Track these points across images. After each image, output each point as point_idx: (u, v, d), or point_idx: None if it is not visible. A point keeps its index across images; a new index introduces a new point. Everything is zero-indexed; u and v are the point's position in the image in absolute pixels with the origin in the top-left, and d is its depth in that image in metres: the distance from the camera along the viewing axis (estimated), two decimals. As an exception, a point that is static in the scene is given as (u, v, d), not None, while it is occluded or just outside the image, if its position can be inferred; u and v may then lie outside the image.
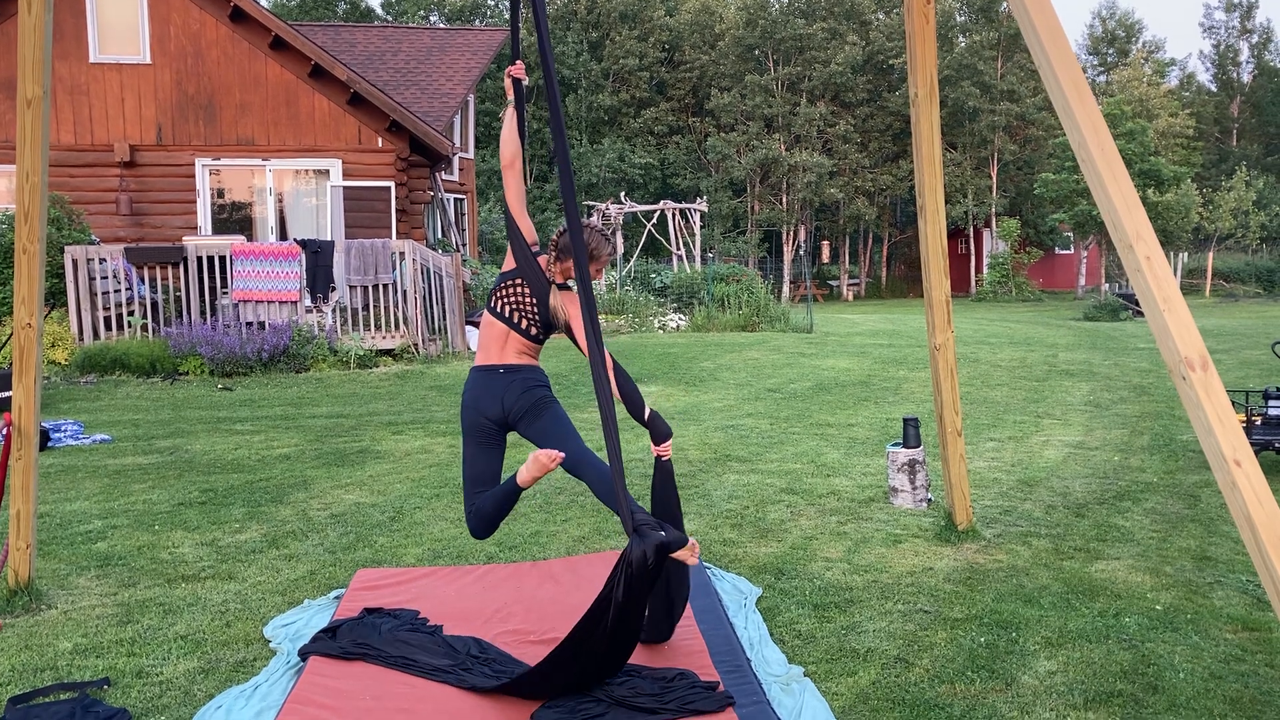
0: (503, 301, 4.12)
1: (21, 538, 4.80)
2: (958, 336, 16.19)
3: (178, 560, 5.48)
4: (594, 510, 6.38)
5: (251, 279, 13.81)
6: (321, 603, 4.77)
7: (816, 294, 37.01)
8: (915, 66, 5.24)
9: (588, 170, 40.77)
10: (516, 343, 4.12)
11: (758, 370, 13.47)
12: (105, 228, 15.71)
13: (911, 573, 5.12)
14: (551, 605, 4.67)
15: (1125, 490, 6.89)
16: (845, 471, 7.45)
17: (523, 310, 4.11)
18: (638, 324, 19.91)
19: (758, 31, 40.19)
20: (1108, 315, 25.54)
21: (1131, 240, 3.10)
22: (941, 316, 5.53)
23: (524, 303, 4.11)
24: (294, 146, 16.61)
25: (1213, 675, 3.87)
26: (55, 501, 6.73)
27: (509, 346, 4.12)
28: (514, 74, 4.23)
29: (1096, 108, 3.23)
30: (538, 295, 4.10)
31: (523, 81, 4.25)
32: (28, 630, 4.47)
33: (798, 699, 3.62)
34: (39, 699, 3.76)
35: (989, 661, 4.02)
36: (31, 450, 4.74)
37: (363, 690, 3.80)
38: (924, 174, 5.38)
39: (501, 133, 4.25)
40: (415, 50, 22.01)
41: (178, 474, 7.56)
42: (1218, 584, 4.96)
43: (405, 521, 6.23)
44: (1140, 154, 29.77)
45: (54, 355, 12.90)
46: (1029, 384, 12.21)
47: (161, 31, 16.11)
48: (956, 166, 39.33)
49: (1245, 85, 53.60)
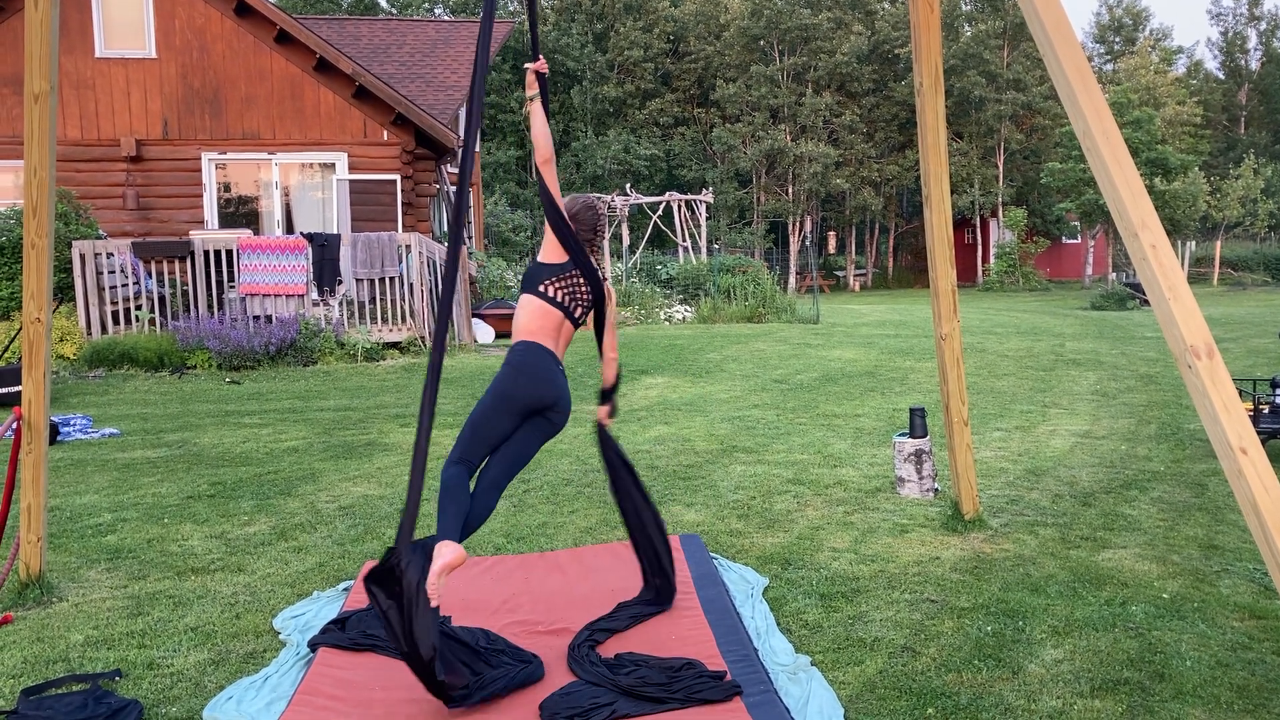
0: (560, 290, 4.17)
1: (33, 531, 4.83)
2: (964, 326, 16.15)
3: (187, 553, 5.51)
4: (600, 502, 6.39)
5: (258, 272, 13.83)
6: (330, 594, 4.80)
7: (823, 285, 36.93)
8: (920, 56, 5.23)
9: (593, 162, 40.70)
10: (569, 332, 4.24)
11: (764, 361, 13.47)
12: (112, 222, 15.74)
13: (918, 562, 5.13)
14: (559, 596, 4.69)
15: (1132, 479, 6.89)
16: (852, 462, 7.46)
17: (579, 300, 4.22)
18: (644, 315, 19.91)
19: (763, 22, 40.06)
20: (1115, 304, 25.48)
21: (1137, 228, 3.10)
22: (947, 306, 5.53)
23: (580, 293, 4.22)
24: (300, 140, 16.62)
25: (1220, 663, 3.88)
26: (65, 495, 6.77)
27: (563, 335, 4.21)
28: (538, 69, 4.28)
29: (1101, 96, 3.23)
30: (594, 287, 4.24)
31: (545, 75, 4.32)
32: (39, 623, 4.51)
33: (805, 688, 3.63)
34: (52, 690, 3.79)
35: (996, 650, 4.02)
36: (41, 444, 4.76)
37: (371, 681, 3.82)
38: (929, 163, 5.38)
39: (536, 131, 4.21)
40: (420, 43, 21.99)
41: (186, 467, 7.59)
42: (1225, 572, 4.96)
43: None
44: (1147, 142, 29.64)
45: (62, 350, 12.94)
46: (1036, 373, 12.20)
47: (167, 25, 16.11)
48: (963, 156, 39.21)
49: (1253, 73, 53.29)
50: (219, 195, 16.72)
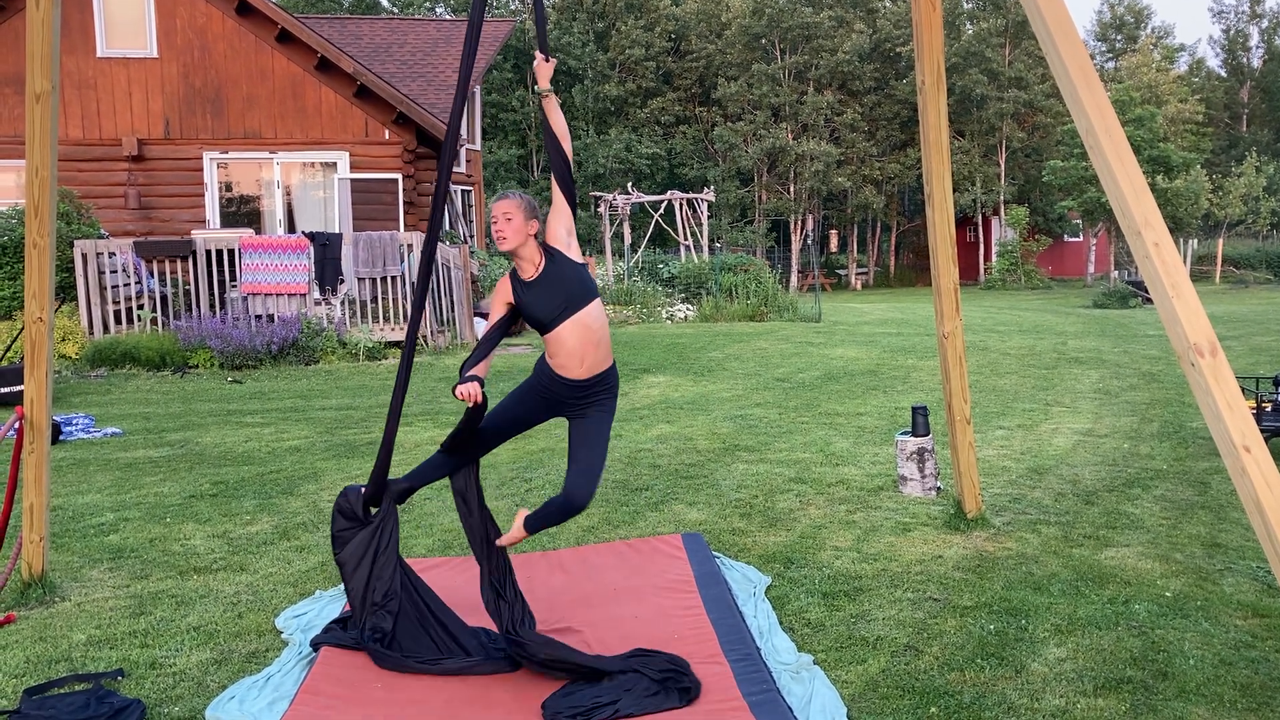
0: None
1: (35, 530, 4.83)
2: (967, 325, 16.15)
3: (189, 552, 5.51)
4: (602, 501, 6.39)
5: (260, 272, 13.84)
6: (333, 593, 4.80)
7: (824, 283, 36.89)
8: (922, 54, 5.23)
9: (594, 161, 40.68)
10: None
11: (766, 360, 13.46)
12: (114, 222, 15.75)
13: (921, 561, 5.13)
14: (562, 595, 4.70)
15: (1135, 477, 6.88)
16: (854, 460, 7.45)
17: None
18: (645, 314, 19.91)
19: (764, 20, 40.01)
20: (1117, 302, 25.45)
21: (1140, 226, 3.09)
22: (949, 304, 5.52)
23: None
24: (301, 139, 16.63)
25: (1223, 662, 3.87)
26: (67, 495, 6.77)
27: None
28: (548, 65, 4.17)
29: (1104, 93, 3.22)
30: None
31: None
32: (42, 622, 4.51)
33: (808, 687, 3.63)
34: (54, 690, 3.79)
35: (998, 649, 4.02)
36: (43, 444, 4.76)
37: (374, 680, 3.82)
38: (931, 162, 5.37)
39: (558, 125, 4.06)
40: (421, 42, 21.99)
41: (189, 467, 7.59)
42: (1228, 570, 4.95)
43: (415, 513, 6.25)
44: (1149, 140, 29.59)
45: (64, 349, 12.95)
46: (1038, 372, 12.19)
47: (168, 25, 16.13)
48: (965, 154, 39.15)
49: (1255, 70, 53.22)
50: (221, 195, 16.73)
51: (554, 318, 3.93)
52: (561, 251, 3.98)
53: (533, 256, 3.97)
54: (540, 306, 3.95)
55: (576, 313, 3.92)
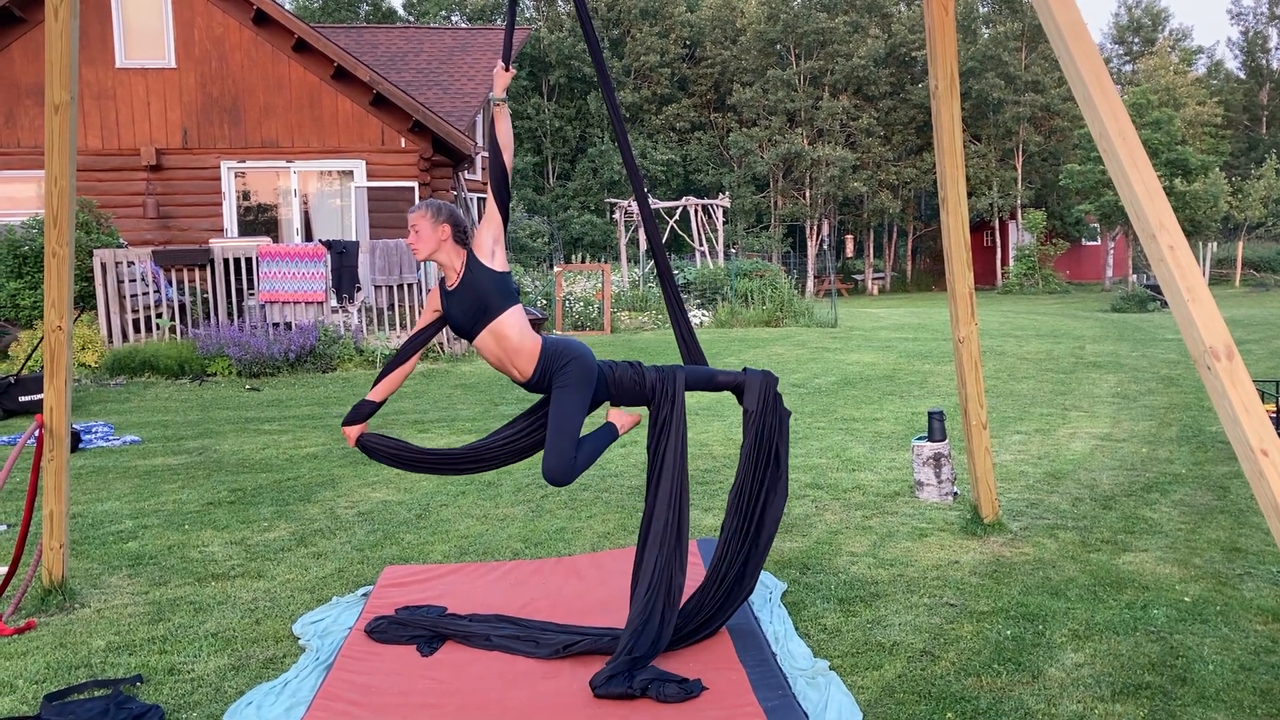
0: None
1: (55, 538, 4.87)
2: (984, 329, 16.10)
3: (208, 559, 5.54)
4: (618, 507, 6.40)
5: (278, 280, 13.92)
6: (350, 600, 4.81)
7: (841, 288, 36.85)
8: (935, 59, 5.22)
9: (610, 167, 40.75)
10: None
11: (782, 365, 13.44)
12: (133, 231, 15.88)
13: (937, 566, 5.11)
14: (577, 601, 4.70)
15: (1153, 482, 6.84)
16: (870, 466, 7.44)
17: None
18: (661, 320, 19.91)
19: (779, 26, 40.02)
20: (1135, 306, 25.31)
21: (1155, 230, 3.08)
22: (965, 309, 5.51)
23: None
24: (318, 148, 16.72)
25: (1242, 667, 3.84)
26: (87, 502, 6.82)
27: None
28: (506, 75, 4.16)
29: (1117, 97, 3.21)
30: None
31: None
32: (62, 629, 4.54)
33: (823, 693, 3.62)
34: (74, 696, 3.82)
35: (1015, 654, 4.00)
36: (63, 451, 4.80)
37: (390, 686, 3.83)
38: (945, 166, 5.36)
39: (504, 135, 4.04)
40: (437, 50, 22.09)
41: (207, 474, 7.64)
42: (1247, 575, 4.92)
43: (432, 519, 6.27)
44: (1167, 143, 29.43)
45: (84, 358, 13.05)
46: (1055, 376, 12.13)
47: (186, 35, 16.25)
48: (981, 158, 39.05)
49: (1275, 72, 52.88)
50: (238, 203, 16.84)
51: (471, 326, 3.98)
52: (482, 260, 3.95)
53: (454, 263, 3.99)
54: (458, 315, 4.00)
55: (492, 322, 3.95)
